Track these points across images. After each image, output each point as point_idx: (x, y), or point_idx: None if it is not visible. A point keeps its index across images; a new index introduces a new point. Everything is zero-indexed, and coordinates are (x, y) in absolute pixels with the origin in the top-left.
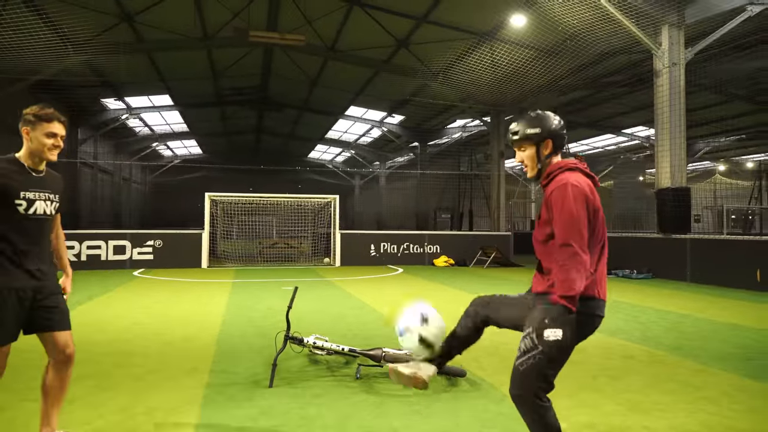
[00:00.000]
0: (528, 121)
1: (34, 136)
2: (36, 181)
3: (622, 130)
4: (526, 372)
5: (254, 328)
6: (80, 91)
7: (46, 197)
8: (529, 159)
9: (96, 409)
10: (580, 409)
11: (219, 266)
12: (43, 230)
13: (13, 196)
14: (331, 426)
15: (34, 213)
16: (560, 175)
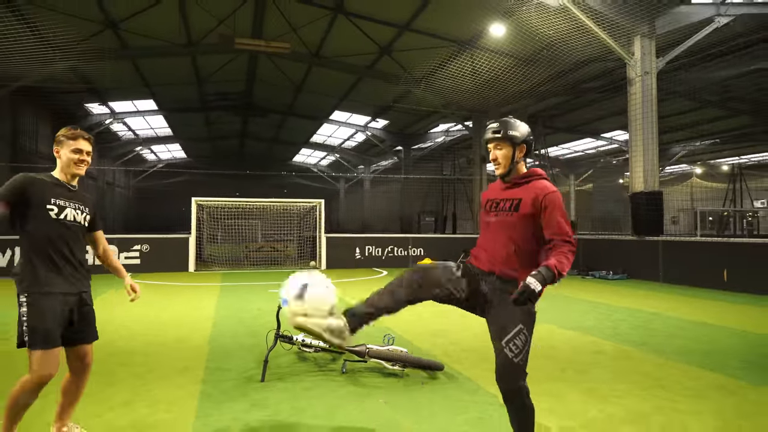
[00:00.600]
0: (510, 124)
1: (63, 153)
2: (67, 193)
3: (601, 135)
4: (522, 366)
5: (244, 328)
6: (64, 97)
7: (76, 207)
8: (504, 158)
9: (104, 403)
10: (544, 397)
11: (206, 270)
12: (77, 237)
13: (45, 201)
14: (321, 415)
15: (65, 218)
16: (542, 181)
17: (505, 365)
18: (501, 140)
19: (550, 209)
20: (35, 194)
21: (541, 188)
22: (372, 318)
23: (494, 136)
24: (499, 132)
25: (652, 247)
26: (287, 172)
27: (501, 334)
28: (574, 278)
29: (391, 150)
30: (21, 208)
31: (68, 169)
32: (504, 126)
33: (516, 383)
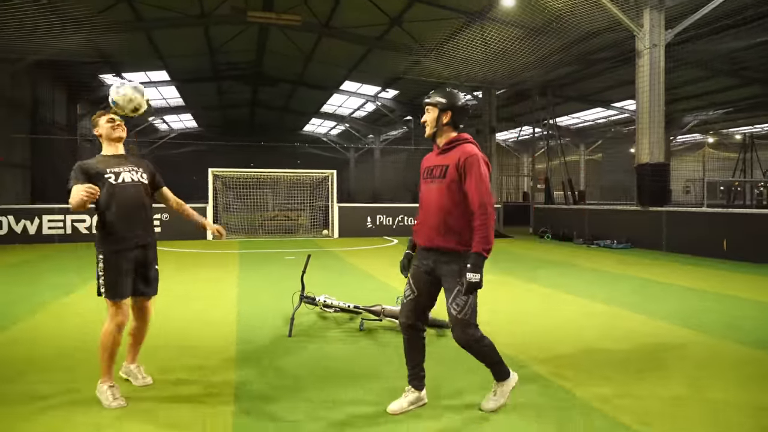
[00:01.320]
0: (440, 92)
1: (102, 127)
2: (116, 161)
3: (612, 104)
4: (469, 318)
5: (267, 292)
6: (79, 68)
7: (130, 169)
8: (430, 120)
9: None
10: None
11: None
12: (139, 196)
13: (102, 172)
14: (344, 360)
15: (123, 181)
16: (467, 145)
17: (453, 321)
18: (428, 104)
19: (467, 174)
20: (93, 170)
21: (462, 152)
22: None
23: (425, 101)
24: (429, 97)
25: (656, 217)
26: (299, 142)
27: (447, 296)
28: (579, 247)
29: (401, 120)
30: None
31: (110, 137)
32: (435, 93)
33: (464, 334)
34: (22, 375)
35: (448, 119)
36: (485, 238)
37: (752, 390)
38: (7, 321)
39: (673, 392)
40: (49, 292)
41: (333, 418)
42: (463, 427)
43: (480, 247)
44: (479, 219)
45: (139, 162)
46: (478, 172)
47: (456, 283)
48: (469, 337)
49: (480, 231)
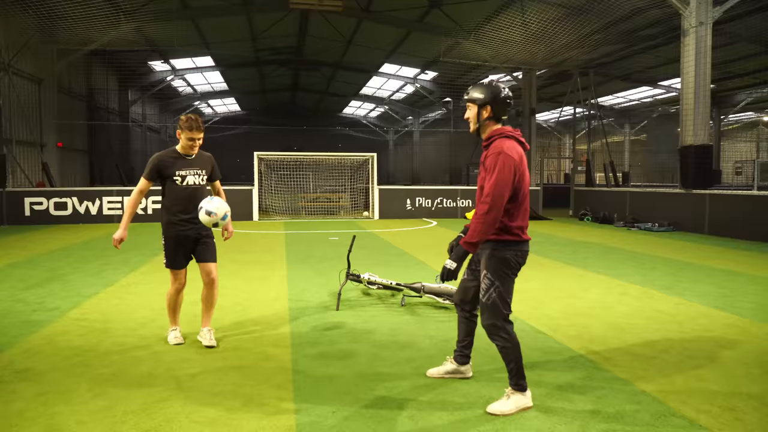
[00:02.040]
0: (476, 88)
1: (182, 138)
2: (187, 163)
3: (658, 83)
4: (492, 304)
5: (314, 270)
6: (130, 56)
7: (195, 173)
8: (471, 117)
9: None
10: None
11: (268, 219)
12: (196, 195)
13: (172, 174)
14: (387, 333)
15: (186, 184)
16: (497, 141)
17: (480, 304)
18: (468, 101)
19: (490, 172)
20: (165, 169)
21: (493, 148)
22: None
23: (464, 98)
24: (467, 94)
25: (699, 200)
26: (339, 124)
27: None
28: (619, 230)
29: (440, 101)
30: (158, 180)
31: (184, 150)
32: (472, 89)
33: (486, 320)
34: (104, 336)
35: (489, 114)
36: (473, 230)
37: None
38: (81, 297)
39: (707, 382)
40: (114, 270)
41: (378, 379)
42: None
43: (464, 239)
44: (479, 210)
45: (205, 162)
46: (498, 171)
47: (484, 267)
48: (491, 325)
49: (473, 223)
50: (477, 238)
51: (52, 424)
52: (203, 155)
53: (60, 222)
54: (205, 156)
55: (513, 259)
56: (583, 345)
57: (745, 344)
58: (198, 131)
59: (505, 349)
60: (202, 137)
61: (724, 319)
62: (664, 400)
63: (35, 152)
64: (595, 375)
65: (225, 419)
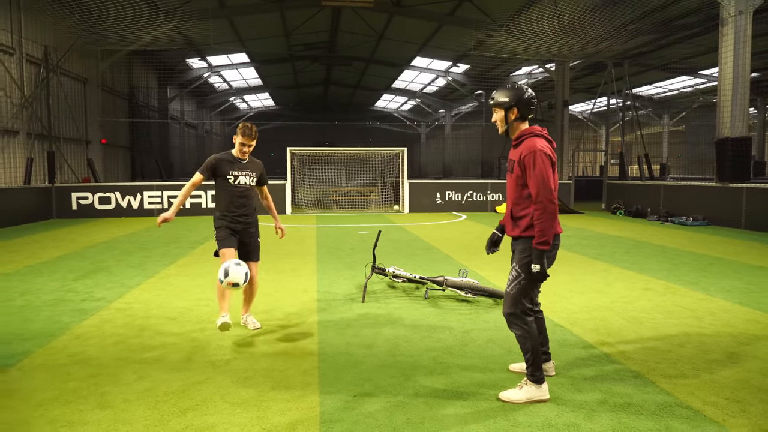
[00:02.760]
0: (500, 92)
1: (236, 143)
2: (240, 165)
3: (699, 72)
4: (515, 295)
5: (343, 263)
6: (169, 55)
7: (246, 174)
8: (499, 120)
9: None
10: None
11: (300, 212)
12: (246, 194)
13: (226, 173)
14: (410, 324)
15: (238, 183)
16: (529, 140)
17: (505, 293)
18: (494, 106)
19: (528, 169)
20: (220, 169)
21: (524, 147)
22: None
23: (490, 103)
24: (492, 99)
25: (736, 194)
26: (370, 118)
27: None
28: (652, 224)
29: (472, 94)
30: (213, 178)
31: (238, 154)
32: (497, 93)
33: (506, 308)
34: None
35: (516, 115)
36: (540, 231)
37: None
38: (124, 288)
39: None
40: (156, 262)
41: (398, 367)
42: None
43: (535, 241)
44: (536, 212)
45: (256, 166)
46: (538, 168)
47: (515, 261)
48: (510, 313)
49: (537, 225)
50: (547, 236)
51: (102, 402)
52: (255, 161)
53: (104, 216)
54: (257, 162)
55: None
56: (600, 338)
57: (765, 340)
58: (249, 138)
59: (522, 338)
60: (254, 145)
61: (746, 314)
62: (672, 392)
63: (81, 149)
64: (607, 367)
65: (255, 400)
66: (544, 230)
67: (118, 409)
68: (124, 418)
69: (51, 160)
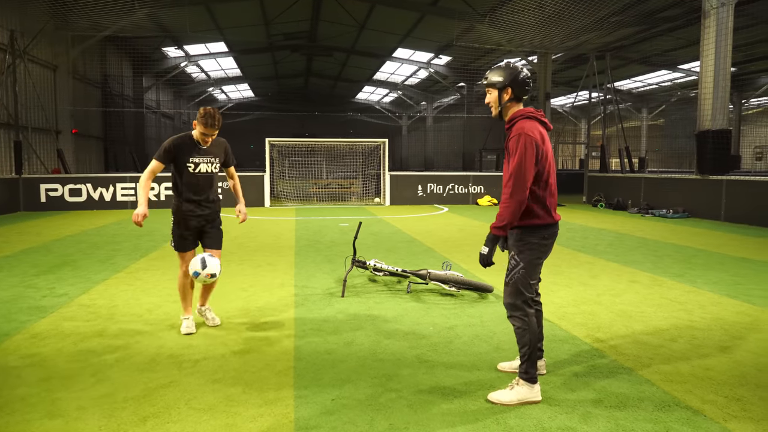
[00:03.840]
0: (496, 71)
1: (198, 130)
2: (201, 151)
3: (678, 66)
4: (515, 284)
5: (322, 256)
6: (143, 43)
7: (209, 161)
8: (492, 101)
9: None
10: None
11: (279, 205)
12: (206, 182)
13: (185, 160)
14: (391, 320)
15: (199, 171)
16: (519, 122)
17: (504, 283)
18: (487, 86)
19: (512, 153)
20: (179, 155)
21: (514, 130)
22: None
23: (483, 83)
24: (486, 79)
25: (716, 186)
26: (352, 109)
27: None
28: (633, 216)
29: (454, 86)
30: (171, 164)
31: (199, 139)
32: (490, 73)
33: (506, 298)
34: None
35: (509, 96)
36: (500, 216)
37: None
38: (90, 283)
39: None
40: (124, 257)
41: (379, 367)
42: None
43: (493, 223)
44: (504, 196)
45: (219, 148)
46: (519, 152)
47: (511, 249)
48: (511, 304)
49: (501, 208)
50: (504, 222)
51: (52, 410)
52: (218, 141)
53: (75, 208)
54: (220, 141)
55: (540, 243)
56: (589, 333)
57: (756, 333)
58: (213, 129)
59: (520, 330)
60: (216, 134)
61: (735, 307)
62: (669, 390)
63: (50, 139)
64: (599, 364)
65: (224, 406)
66: (504, 215)
67: (69, 418)
68: (76, 429)
69: (18, 150)
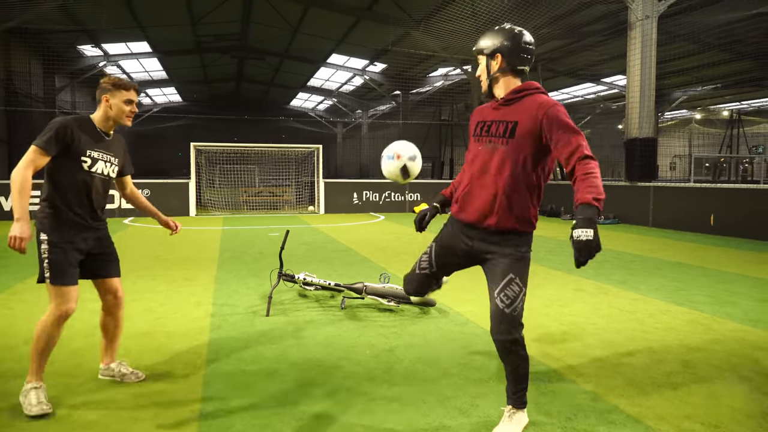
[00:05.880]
0: (487, 35)
1: (114, 103)
2: (103, 143)
3: (601, 79)
4: (517, 316)
5: (247, 269)
6: (55, 38)
7: (108, 159)
8: (481, 72)
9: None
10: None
11: (206, 214)
12: (104, 189)
13: (81, 152)
14: (322, 343)
15: (95, 171)
16: (539, 95)
17: (496, 316)
18: (476, 53)
19: (555, 126)
20: (73, 145)
21: (539, 104)
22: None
23: (473, 50)
24: (475, 46)
25: (644, 192)
26: (284, 116)
27: (493, 285)
28: (567, 223)
29: (390, 94)
30: (57, 157)
31: (117, 119)
32: (482, 37)
33: (508, 335)
34: None
35: (500, 65)
36: (594, 186)
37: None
38: None
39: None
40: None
41: (306, 406)
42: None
43: (590, 194)
44: (587, 164)
45: (120, 148)
46: (569, 122)
47: (509, 269)
48: (514, 342)
49: (588, 178)
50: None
51: None
52: (118, 138)
53: None
54: (120, 140)
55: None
56: (544, 350)
57: (712, 344)
58: (136, 92)
59: (523, 365)
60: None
61: (684, 315)
62: (641, 417)
63: None
64: (560, 389)
65: None
66: (600, 185)
67: None
68: None
69: None
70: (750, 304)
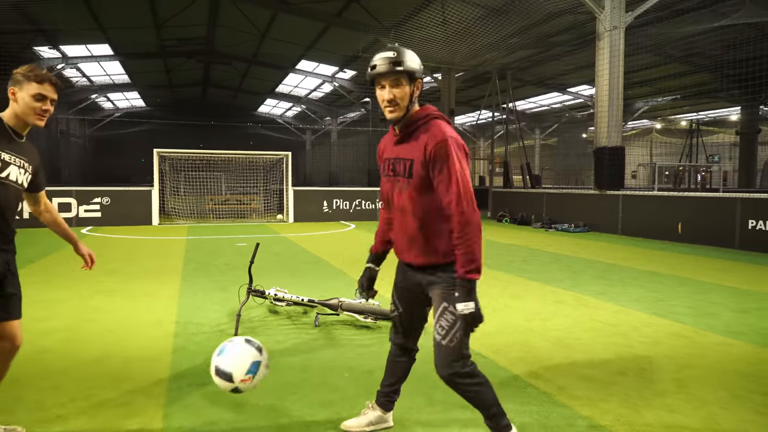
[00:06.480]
0: (409, 53)
1: (21, 98)
2: (15, 145)
3: (567, 89)
4: (455, 347)
5: (214, 283)
6: (9, 39)
7: (21, 165)
8: (403, 97)
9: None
10: (504, 337)
11: (170, 223)
12: (14, 200)
13: None
14: (295, 367)
15: (6, 177)
16: (433, 123)
17: (436, 349)
18: (399, 74)
19: (439, 167)
20: None
21: (430, 136)
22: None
23: (393, 69)
24: (400, 63)
25: (613, 200)
26: (252, 122)
27: (434, 317)
28: (537, 231)
29: (359, 101)
30: None
31: (26, 118)
32: (402, 55)
33: (448, 369)
34: None
35: (419, 90)
36: (469, 255)
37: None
38: None
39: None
40: None
41: None
42: None
43: (464, 268)
44: (458, 230)
45: (34, 155)
46: (455, 161)
47: (442, 299)
48: (454, 371)
49: (462, 246)
50: (478, 259)
51: None
52: (31, 147)
53: None
54: (34, 150)
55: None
56: (531, 369)
57: (699, 359)
58: (52, 87)
59: (479, 393)
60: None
61: (666, 327)
62: None
63: None
64: (552, 412)
65: None
66: (475, 250)
67: None
68: None
69: None
70: (730, 315)
